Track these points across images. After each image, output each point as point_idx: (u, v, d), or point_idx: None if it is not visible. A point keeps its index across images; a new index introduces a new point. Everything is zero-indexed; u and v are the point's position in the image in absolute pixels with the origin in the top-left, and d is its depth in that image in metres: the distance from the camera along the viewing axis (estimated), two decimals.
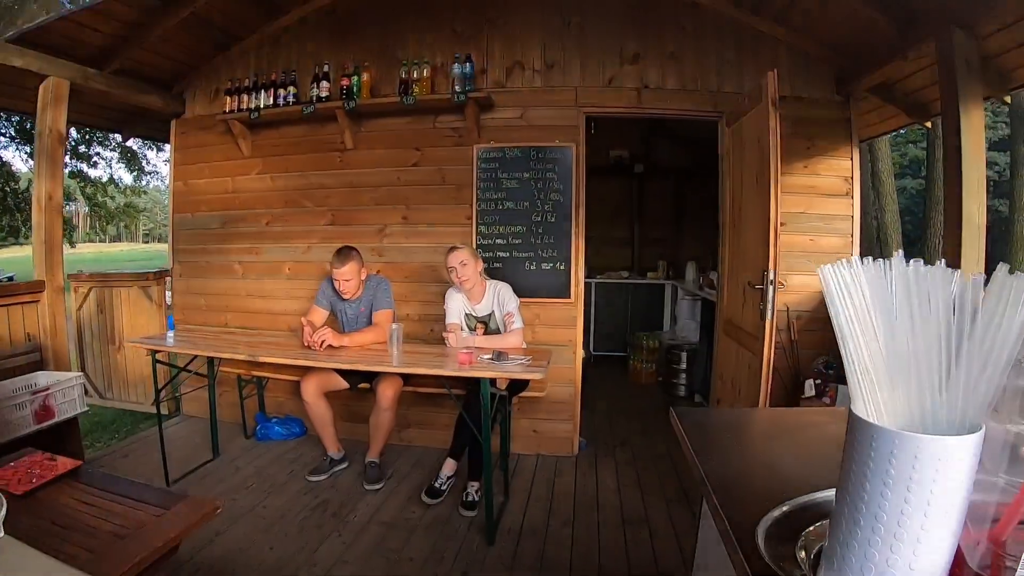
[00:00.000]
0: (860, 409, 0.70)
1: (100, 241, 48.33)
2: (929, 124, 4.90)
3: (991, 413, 0.67)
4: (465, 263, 3.79)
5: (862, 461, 0.67)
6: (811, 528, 0.92)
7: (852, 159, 4.45)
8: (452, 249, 3.85)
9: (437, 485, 3.77)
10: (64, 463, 2.34)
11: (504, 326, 3.89)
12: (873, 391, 0.69)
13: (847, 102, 4.44)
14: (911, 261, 0.69)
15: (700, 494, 1.30)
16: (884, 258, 0.71)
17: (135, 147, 16.08)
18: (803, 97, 4.43)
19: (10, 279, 4.36)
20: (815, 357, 4.38)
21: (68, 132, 4.30)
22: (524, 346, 3.86)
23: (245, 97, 4.82)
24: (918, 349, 0.66)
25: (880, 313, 0.68)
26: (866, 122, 5.19)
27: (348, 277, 3.92)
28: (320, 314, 4.11)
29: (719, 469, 1.25)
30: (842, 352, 0.72)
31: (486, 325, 3.98)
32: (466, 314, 4.00)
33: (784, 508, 1.00)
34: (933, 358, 0.65)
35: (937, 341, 0.65)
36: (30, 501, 2.08)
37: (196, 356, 4.21)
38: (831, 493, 0.94)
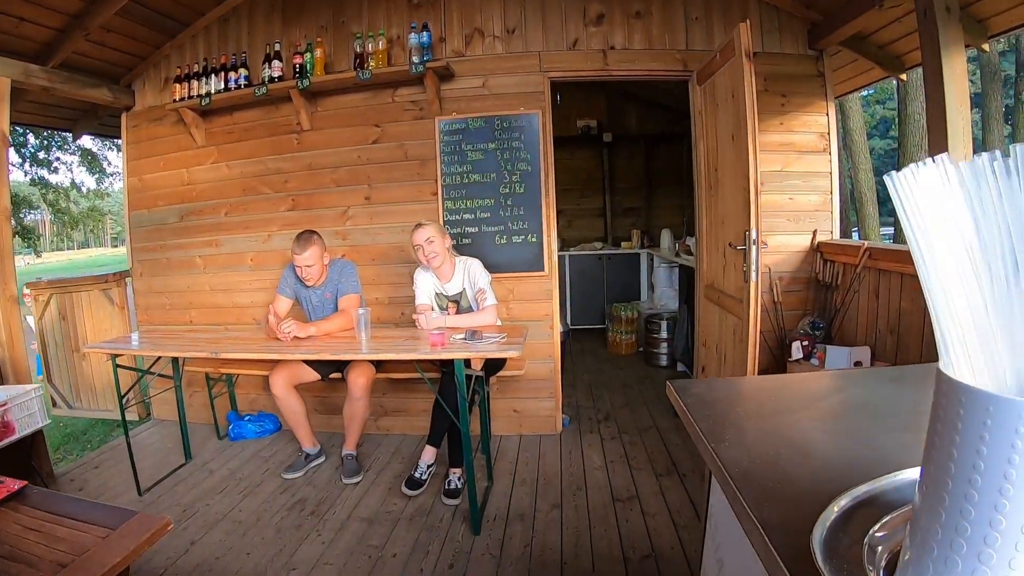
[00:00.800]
0: (951, 367, 0.54)
1: (68, 248, 47.72)
2: (904, 77, 4.80)
3: None
4: (432, 240, 3.63)
5: (949, 436, 0.52)
6: (877, 526, 0.73)
7: (828, 115, 4.39)
8: (418, 226, 3.68)
9: (417, 476, 3.62)
10: (8, 485, 2.16)
11: (476, 304, 3.74)
12: (969, 341, 0.53)
13: (820, 56, 4.37)
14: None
15: (700, 474, 1.11)
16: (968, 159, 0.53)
17: (95, 149, 15.72)
18: (775, 53, 4.35)
19: None
20: (800, 318, 4.31)
21: (23, 134, 4.08)
22: (498, 323, 3.72)
23: (195, 83, 4.61)
24: None
25: (983, 229, 0.51)
26: (840, 77, 5.11)
27: (310, 263, 3.74)
28: (284, 303, 3.94)
29: (739, 455, 1.03)
30: (926, 291, 0.56)
31: (458, 304, 3.83)
32: (436, 293, 3.85)
33: (842, 503, 0.79)
34: None
35: None
36: None
37: (159, 358, 4.02)
38: (899, 477, 0.77)
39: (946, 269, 0.54)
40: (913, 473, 0.61)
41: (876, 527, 0.73)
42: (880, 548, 0.70)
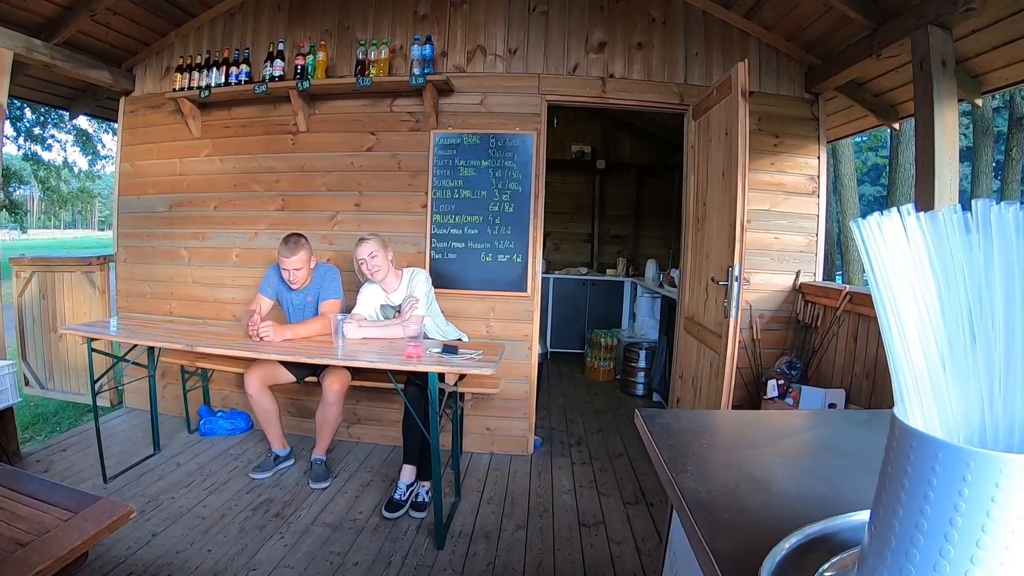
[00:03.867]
0: (905, 413, 0.56)
1: (55, 227, 47.37)
2: (897, 126, 4.87)
3: None
4: (374, 254, 3.66)
5: (915, 488, 0.53)
6: (827, 565, 0.75)
7: (819, 158, 4.45)
8: (360, 241, 3.72)
9: (397, 497, 3.54)
10: None
11: (406, 310, 3.75)
12: (923, 389, 0.55)
13: (816, 100, 4.44)
14: (993, 203, 0.53)
15: (667, 503, 1.12)
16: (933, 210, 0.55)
17: (91, 130, 15.65)
18: (772, 93, 4.41)
19: None
20: (778, 357, 4.34)
21: (20, 108, 4.07)
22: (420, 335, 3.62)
23: (196, 75, 4.62)
24: (988, 331, 0.52)
25: (942, 282, 0.54)
26: (834, 122, 5.16)
27: (298, 267, 3.75)
28: (265, 303, 3.93)
29: (698, 486, 1.04)
30: (884, 337, 0.58)
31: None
32: (383, 305, 3.86)
33: (793, 540, 0.79)
34: (1009, 345, 0.51)
35: (1017, 319, 0.51)
36: None
37: (135, 345, 3.99)
38: (854, 518, 0.78)
39: (906, 319, 0.56)
40: (866, 515, 0.63)
41: (826, 566, 0.74)
42: (822, 574, 0.72)
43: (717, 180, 3.72)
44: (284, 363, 3.81)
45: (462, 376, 3.49)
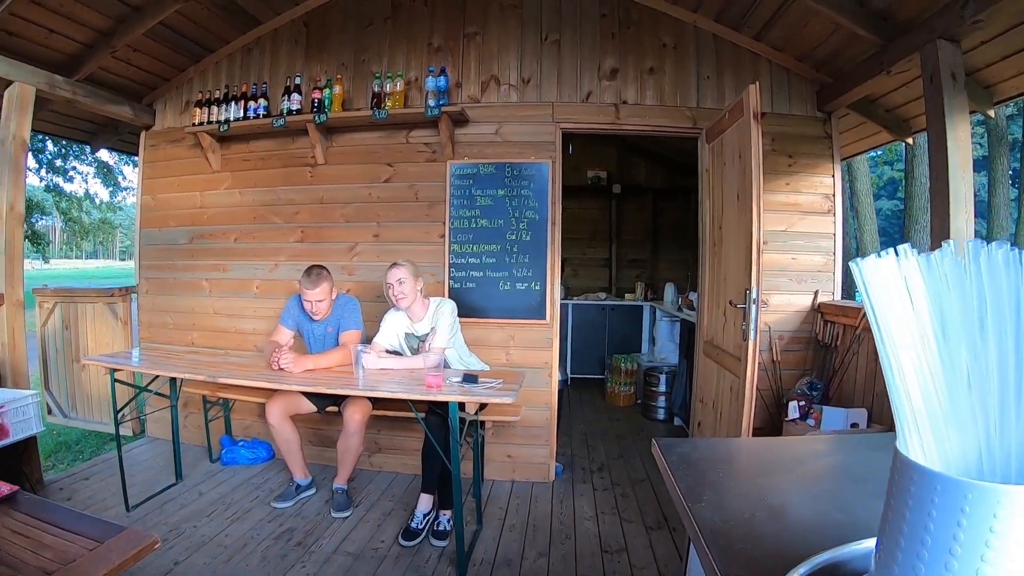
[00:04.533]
0: (906, 447, 0.57)
1: (76, 257, 48.00)
2: (911, 141, 4.87)
3: None
4: (403, 280, 3.66)
5: (915, 520, 0.55)
6: None
7: (834, 176, 4.44)
8: (393, 265, 3.71)
9: (414, 526, 3.55)
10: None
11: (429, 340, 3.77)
12: (922, 425, 0.56)
13: (829, 119, 4.43)
14: (986, 244, 0.55)
15: (687, 533, 1.12)
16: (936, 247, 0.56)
17: (111, 162, 15.91)
18: (784, 114, 4.42)
19: None
20: (798, 378, 4.31)
21: (42, 141, 4.18)
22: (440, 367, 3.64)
23: (215, 109, 4.70)
24: (983, 368, 0.53)
25: (938, 321, 0.55)
26: (848, 139, 5.17)
27: (320, 298, 3.78)
28: (285, 334, 3.96)
29: (714, 515, 1.06)
30: (884, 372, 0.59)
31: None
32: (407, 334, 3.86)
33: (801, 571, 0.79)
34: (1003, 381, 0.53)
35: (1010, 357, 0.52)
36: None
37: (158, 376, 4.04)
38: (862, 546, 0.79)
39: (904, 359, 0.57)
40: (873, 543, 0.64)
41: None
42: None
43: (732, 203, 3.73)
44: (305, 393, 3.83)
45: (483, 405, 3.49)
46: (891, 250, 0.58)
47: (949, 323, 0.55)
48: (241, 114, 4.61)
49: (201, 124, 4.71)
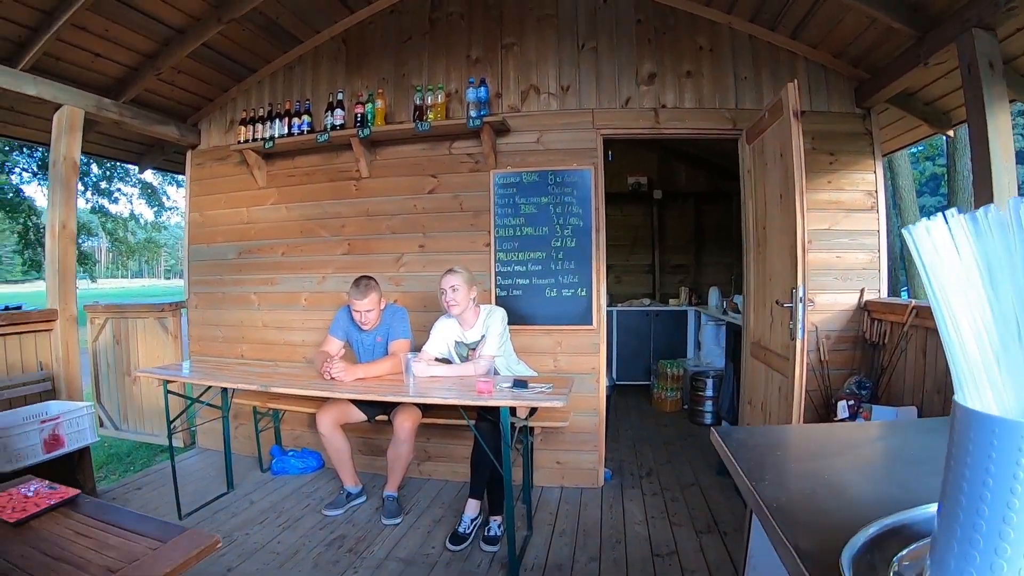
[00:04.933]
0: (964, 399, 0.59)
1: (122, 276, 49.14)
2: (951, 133, 4.79)
3: None
4: (456, 288, 3.69)
5: (977, 464, 0.57)
6: (905, 552, 0.79)
7: (876, 172, 4.38)
8: (449, 271, 3.76)
9: (461, 531, 3.58)
10: (63, 491, 2.27)
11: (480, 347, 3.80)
12: (979, 378, 0.58)
13: (868, 114, 4.37)
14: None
15: (738, 520, 1.14)
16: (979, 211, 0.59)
17: (155, 183, 16.33)
18: (823, 111, 4.37)
19: (18, 308, 4.40)
20: (847, 377, 4.25)
21: (87, 163, 4.33)
22: (490, 374, 3.70)
23: (259, 127, 4.82)
24: None
25: (988, 277, 0.57)
26: (888, 134, 5.09)
27: (369, 308, 3.85)
28: (335, 344, 4.03)
29: (776, 492, 1.09)
30: (940, 331, 0.62)
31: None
32: (457, 341, 3.90)
33: (871, 531, 0.84)
34: None
35: None
36: (22, 530, 2.00)
37: (209, 387, 4.15)
38: (929, 509, 0.80)
39: (959, 316, 0.60)
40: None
41: (903, 553, 0.78)
42: (906, 571, 0.74)
43: (775, 203, 3.71)
44: (355, 402, 3.90)
45: (533, 411, 3.52)
46: (940, 214, 0.60)
47: (997, 276, 0.57)
48: (285, 131, 4.72)
49: (246, 142, 4.82)
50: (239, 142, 4.86)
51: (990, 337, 0.58)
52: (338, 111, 4.58)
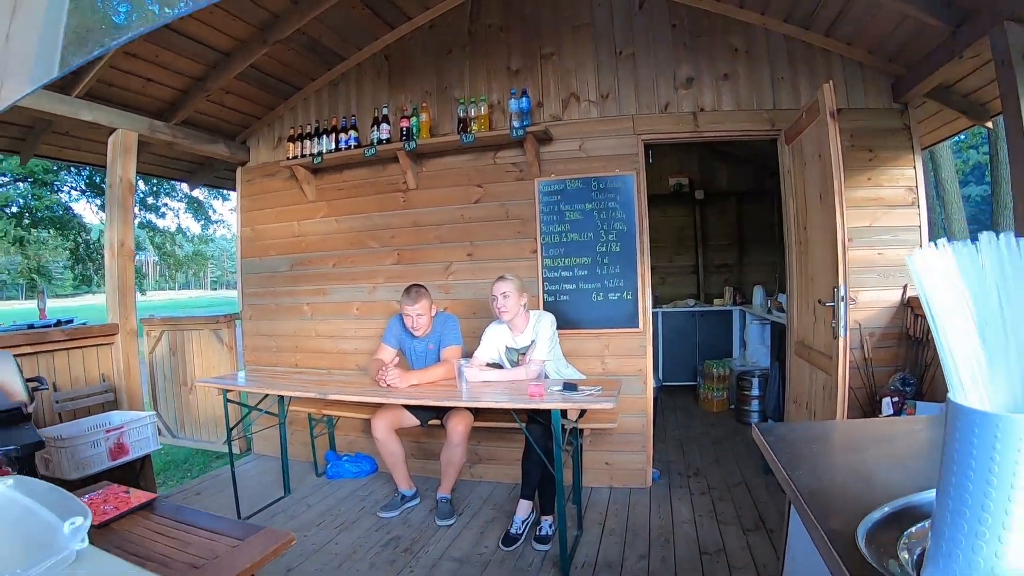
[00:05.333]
0: (959, 397, 0.68)
1: (170, 288, 50.16)
2: (990, 124, 4.75)
3: None
4: (508, 295, 3.80)
5: (963, 450, 0.65)
6: (913, 529, 0.88)
7: (915, 167, 4.33)
8: (500, 278, 3.86)
9: (513, 532, 3.66)
10: (138, 495, 2.39)
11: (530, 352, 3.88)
12: (972, 377, 0.67)
13: (905, 109, 4.33)
14: (999, 235, 0.65)
15: (783, 517, 1.24)
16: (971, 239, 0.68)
17: (201, 197, 16.76)
18: (861, 108, 4.35)
19: (69, 321, 4.63)
20: (891, 374, 4.23)
21: (136, 182, 4.52)
22: (540, 378, 3.78)
23: (307, 143, 4.98)
24: (1014, 329, 0.64)
25: (973, 296, 0.66)
26: (927, 128, 5.05)
27: (420, 312, 3.97)
28: (388, 352, 4.16)
29: (810, 481, 1.18)
30: (936, 340, 0.70)
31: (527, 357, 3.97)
32: (508, 347, 3.99)
33: (885, 510, 0.94)
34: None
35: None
36: (105, 531, 2.11)
37: (267, 395, 4.31)
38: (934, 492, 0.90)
39: (949, 330, 0.68)
40: None
41: (912, 530, 0.88)
42: (913, 546, 0.84)
43: (815, 202, 3.74)
44: (408, 408, 4.02)
45: (582, 413, 3.59)
46: (932, 243, 0.69)
47: (980, 300, 0.66)
48: (333, 146, 4.88)
49: (295, 158, 4.99)
50: (288, 158, 5.02)
51: (975, 347, 0.66)
52: (384, 125, 4.71)
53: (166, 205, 16.42)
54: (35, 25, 0.87)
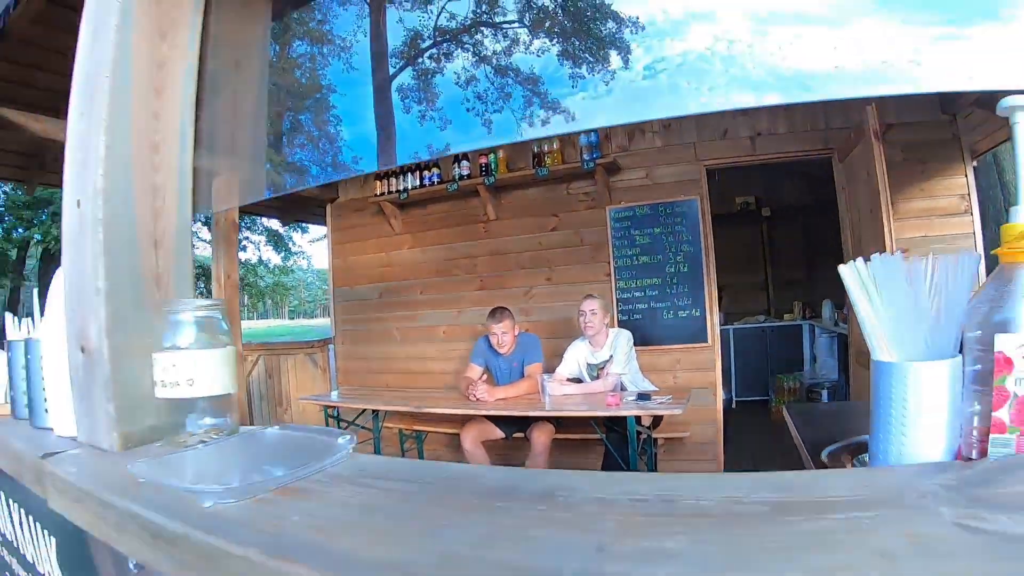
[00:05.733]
0: (876, 356, 0.92)
1: (250, 318, 51.56)
2: None
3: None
4: (595, 312, 4.09)
5: (881, 386, 0.88)
6: (865, 455, 1.12)
7: (967, 176, 4.32)
8: (588, 296, 4.16)
9: None
10: None
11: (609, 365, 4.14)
12: (886, 344, 0.91)
13: (954, 119, 4.34)
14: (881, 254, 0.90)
15: None
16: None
17: (281, 230, 17.50)
18: (910, 122, 4.33)
19: None
20: None
21: (208, 218, 4.88)
22: (617, 390, 4.00)
23: (393, 180, 5.44)
24: (912, 312, 0.88)
25: (870, 292, 0.90)
26: (979, 135, 5.03)
27: (504, 331, 4.29)
28: (476, 371, 4.47)
29: (816, 435, 1.41)
30: (859, 321, 0.94)
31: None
32: (588, 363, 4.26)
33: (849, 441, 1.19)
34: (922, 316, 0.87)
35: (924, 304, 0.88)
36: None
37: (363, 411, 4.69)
38: None
39: (864, 314, 0.91)
40: None
41: (865, 456, 1.13)
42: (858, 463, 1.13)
43: (868, 216, 3.91)
44: (494, 421, 4.32)
45: (656, 423, 3.85)
46: (859, 259, 0.92)
47: (875, 299, 0.90)
48: (417, 183, 5.32)
49: (382, 194, 5.46)
50: (376, 195, 5.48)
51: (880, 324, 0.90)
52: (464, 162, 5.13)
53: (247, 238, 17.24)
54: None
